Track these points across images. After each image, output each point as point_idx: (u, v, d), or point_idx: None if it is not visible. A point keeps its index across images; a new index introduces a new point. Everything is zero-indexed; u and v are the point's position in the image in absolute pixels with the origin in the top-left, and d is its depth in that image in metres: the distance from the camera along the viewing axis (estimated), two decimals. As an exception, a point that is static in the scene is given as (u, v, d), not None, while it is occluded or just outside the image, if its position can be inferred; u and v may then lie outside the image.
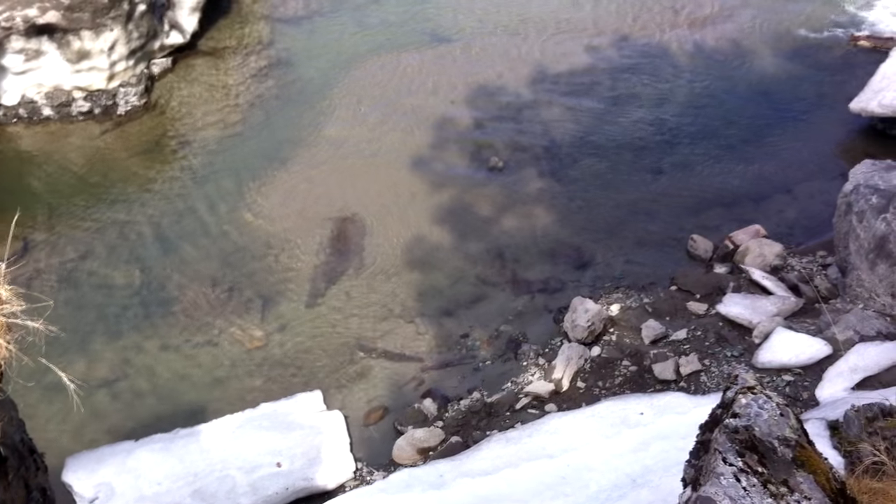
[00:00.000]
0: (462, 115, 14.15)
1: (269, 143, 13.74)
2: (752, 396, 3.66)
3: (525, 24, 16.07)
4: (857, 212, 9.33)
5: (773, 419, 3.57)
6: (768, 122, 13.70)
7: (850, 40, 15.20)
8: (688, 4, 16.39)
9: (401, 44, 15.75)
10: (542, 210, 12.51)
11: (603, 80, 14.77)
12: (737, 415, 3.65)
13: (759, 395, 3.64)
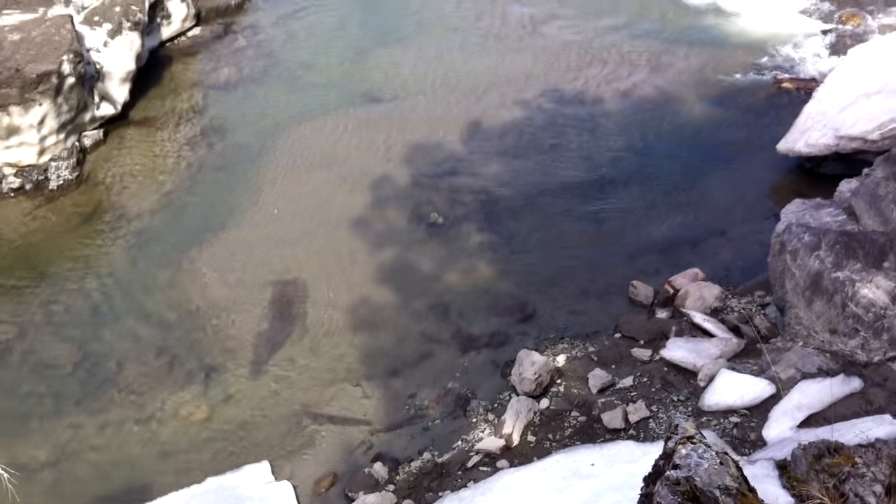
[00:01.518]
0: (400, 173, 14.17)
1: (204, 210, 13.62)
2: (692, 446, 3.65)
3: (457, 80, 16.22)
4: (790, 251, 9.48)
5: (713, 468, 3.56)
6: (700, 167, 13.95)
7: (774, 83, 15.60)
8: (615, 56, 16.70)
9: (335, 106, 15.78)
10: (484, 264, 12.53)
11: (536, 133, 14.92)
12: (677, 466, 3.64)
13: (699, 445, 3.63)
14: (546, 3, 18.52)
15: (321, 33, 17.88)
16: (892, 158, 8.57)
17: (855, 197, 9.26)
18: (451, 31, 17.74)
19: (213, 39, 17.68)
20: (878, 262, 8.40)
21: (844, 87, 13.41)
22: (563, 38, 17.34)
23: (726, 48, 16.68)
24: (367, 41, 17.49)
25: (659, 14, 17.97)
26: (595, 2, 18.48)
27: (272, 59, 17.09)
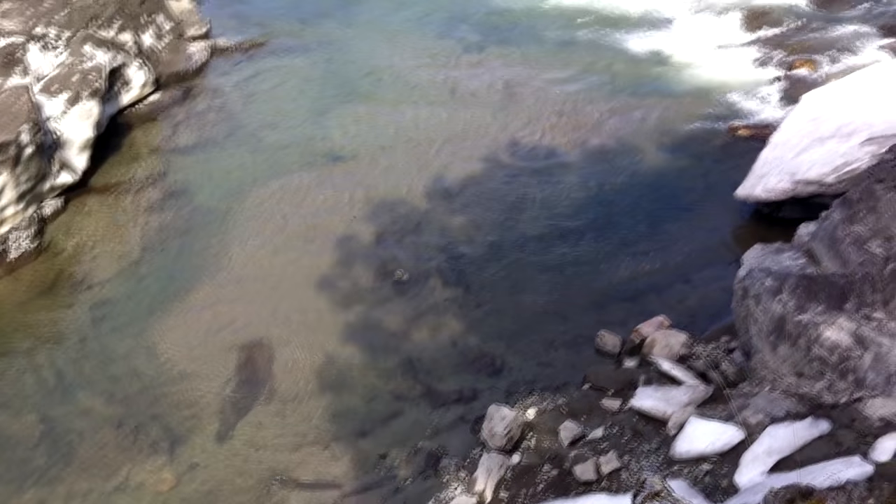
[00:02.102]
0: (364, 231, 14.17)
1: (168, 275, 13.52)
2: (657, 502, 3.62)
3: (417, 137, 16.33)
4: (753, 295, 9.55)
5: (682, 523, 3.53)
6: (661, 215, 14.08)
7: (730, 130, 15.84)
8: (573, 108, 16.90)
9: (298, 165, 15.82)
10: (451, 319, 12.50)
11: (498, 186, 15.02)
12: (647, 521, 3.61)
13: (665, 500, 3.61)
14: (503, 59, 18.77)
15: (282, 94, 17.97)
16: (848, 201, 8.70)
17: (814, 240, 9.37)
18: (410, 88, 17.90)
19: (173, 104, 17.71)
20: (839, 303, 8.48)
21: (799, 133, 13.64)
22: (522, 92, 17.54)
23: (681, 98, 16.95)
24: (328, 101, 17.59)
25: (614, 66, 18.24)
26: (550, 56, 18.74)
27: (233, 122, 17.13)
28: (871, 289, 8.08)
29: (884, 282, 7.98)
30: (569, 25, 19.99)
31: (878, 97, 13.36)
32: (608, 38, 19.31)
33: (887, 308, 7.97)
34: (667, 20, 19.89)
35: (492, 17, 20.85)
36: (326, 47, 19.49)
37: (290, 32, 20.16)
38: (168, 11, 19.31)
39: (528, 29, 20.03)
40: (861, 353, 8.17)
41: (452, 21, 20.58)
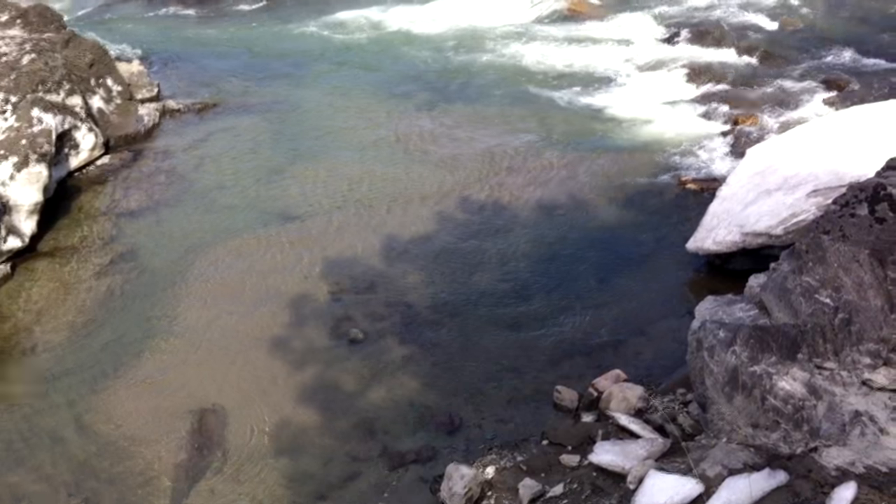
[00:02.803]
0: (317, 291, 14.08)
1: (118, 340, 13.29)
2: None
3: (370, 196, 16.37)
4: (707, 347, 9.60)
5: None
6: (614, 269, 14.19)
7: (679, 184, 16.08)
8: (523, 163, 17.09)
9: (249, 226, 15.74)
10: (408, 378, 12.41)
11: (452, 243, 15.05)
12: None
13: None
14: (454, 117, 18.96)
15: (233, 155, 17.95)
16: (796, 253, 8.81)
17: (765, 291, 9.46)
18: (363, 147, 17.98)
19: (123, 167, 17.60)
20: (791, 354, 8.55)
21: (746, 186, 13.88)
22: (473, 149, 17.71)
23: (630, 152, 17.22)
24: (280, 161, 17.61)
25: (563, 122, 18.52)
26: (501, 113, 18.99)
27: (184, 184, 17.04)
28: (822, 339, 8.16)
29: (834, 332, 8.07)
30: (518, 82, 20.31)
31: (821, 150, 13.66)
32: (557, 95, 19.62)
33: (839, 358, 8.05)
34: (614, 76, 20.28)
35: (443, 75, 21.13)
36: (278, 108, 19.56)
37: (241, 93, 20.24)
38: (117, 74, 19.26)
39: (479, 87, 20.31)
40: (815, 402, 8.23)
41: (403, 80, 20.82)
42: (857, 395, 7.87)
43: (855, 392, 7.91)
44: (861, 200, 8.20)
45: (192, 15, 25.88)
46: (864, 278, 7.92)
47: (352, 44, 23.24)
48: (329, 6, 25.78)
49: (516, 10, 24.75)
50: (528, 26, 23.68)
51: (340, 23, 24.55)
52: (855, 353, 7.95)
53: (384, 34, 23.74)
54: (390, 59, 22.14)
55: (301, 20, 24.78)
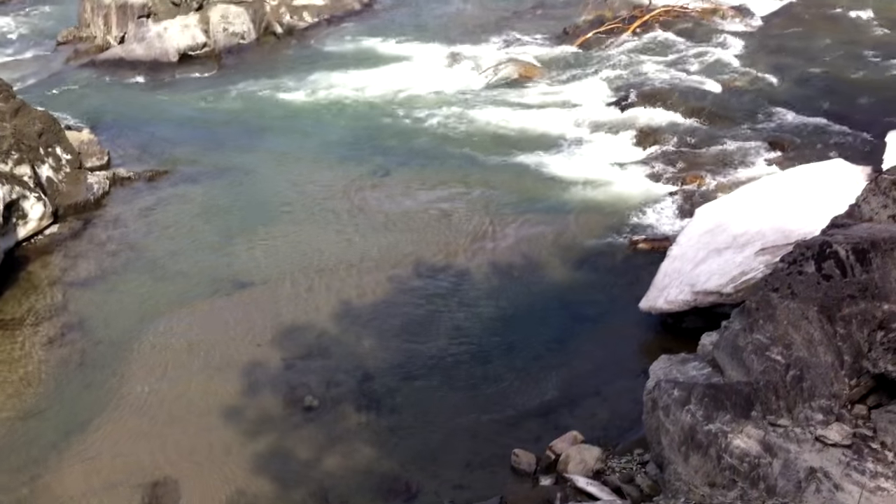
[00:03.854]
0: (271, 358, 13.92)
1: (67, 413, 12.98)
2: None
3: (324, 261, 16.31)
4: (662, 407, 9.61)
5: None
6: (569, 329, 14.23)
7: (630, 244, 16.24)
8: (477, 227, 17.17)
9: (201, 293, 15.57)
10: (364, 445, 12.25)
11: (407, 307, 15.01)
12: None
13: None
14: (407, 182, 19.06)
15: (185, 223, 17.83)
16: (746, 311, 8.90)
17: (717, 350, 9.53)
18: (315, 213, 17.97)
19: (72, 236, 17.39)
20: (745, 412, 8.59)
21: (696, 245, 14.06)
22: (427, 213, 17.77)
23: (582, 214, 17.39)
24: (233, 228, 17.51)
25: (515, 185, 18.68)
26: (454, 177, 19.12)
27: (135, 252, 16.86)
28: (774, 396, 8.22)
29: (786, 389, 8.14)
30: (470, 146, 20.51)
31: (768, 208, 13.92)
32: (509, 158, 19.83)
33: (792, 414, 8.10)
34: (565, 139, 20.57)
35: (395, 139, 21.27)
36: (230, 174, 19.54)
37: (192, 161, 20.18)
38: (67, 143, 19.13)
39: (430, 151, 20.47)
40: (770, 460, 8.25)
41: (355, 145, 20.93)
42: (812, 452, 7.91)
43: (809, 448, 7.95)
44: (808, 258, 8.32)
45: (143, 83, 25.87)
46: (814, 335, 8.02)
47: (302, 109, 23.35)
48: (279, 73, 25.93)
49: (467, 76, 25.08)
50: (479, 91, 23.99)
51: (291, 88, 24.68)
52: (807, 409, 8.01)
53: (335, 99, 23.89)
54: (341, 123, 22.26)
55: (251, 87, 24.87)
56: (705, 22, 28.30)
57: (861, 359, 7.55)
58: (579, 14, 29.49)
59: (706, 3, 29.96)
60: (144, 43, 27.46)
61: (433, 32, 29.00)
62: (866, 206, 8.91)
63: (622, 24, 27.83)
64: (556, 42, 27.46)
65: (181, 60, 27.25)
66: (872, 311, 7.74)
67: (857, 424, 7.69)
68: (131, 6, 28.11)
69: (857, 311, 7.81)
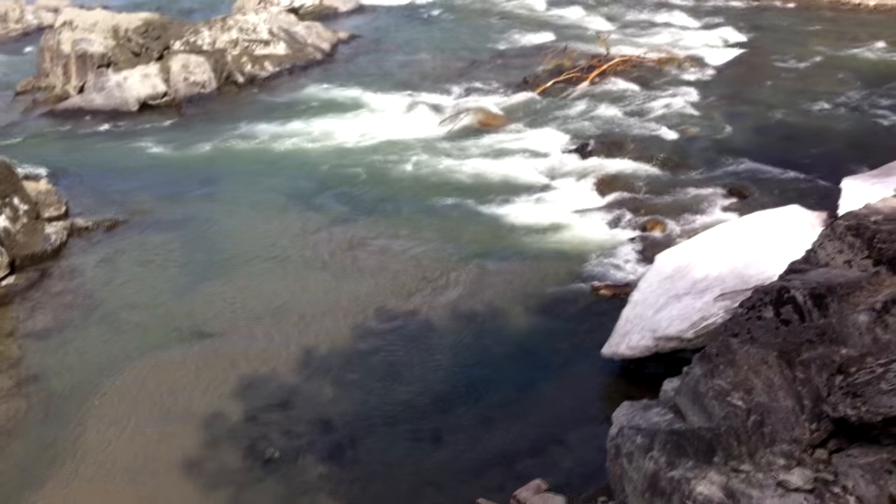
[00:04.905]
0: (231, 410, 13.73)
1: (20, 468, 12.68)
2: None
3: (285, 309, 16.19)
4: (625, 454, 9.58)
5: None
6: (533, 377, 14.20)
7: (592, 290, 16.31)
8: (440, 274, 17.17)
9: (161, 344, 15.37)
10: (326, 497, 12.08)
11: (370, 356, 14.92)
12: None
13: None
14: (369, 229, 19.05)
15: (144, 272, 17.65)
16: (707, 356, 8.93)
17: (679, 395, 9.53)
18: (277, 262, 17.87)
19: (30, 287, 17.13)
20: (708, 457, 8.58)
21: (657, 291, 14.14)
22: (390, 260, 17.75)
23: (544, 261, 17.46)
24: (193, 277, 17.36)
25: (477, 232, 18.74)
26: (416, 224, 19.15)
27: (93, 303, 16.64)
28: (736, 441, 8.23)
29: (748, 434, 8.15)
30: (432, 194, 20.57)
31: (727, 254, 14.05)
32: (470, 206, 19.91)
33: (753, 460, 8.10)
34: (526, 187, 20.71)
35: (357, 188, 21.29)
36: (190, 223, 19.41)
37: (152, 210, 20.05)
38: (24, 193, 18.93)
39: (392, 199, 20.51)
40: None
41: (317, 193, 20.93)
42: (774, 497, 7.90)
43: (771, 494, 7.94)
44: (766, 303, 8.40)
45: (102, 132, 25.72)
46: (774, 380, 8.06)
47: (263, 158, 23.33)
48: (240, 121, 25.93)
49: (428, 124, 25.25)
50: (440, 140, 24.14)
51: (252, 137, 24.67)
52: (769, 454, 8.02)
53: (295, 148, 23.91)
54: (302, 172, 22.25)
55: (211, 136, 24.82)
56: (662, 71, 28.81)
57: (821, 403, 7.59)
58: (539, 63, 29.89)
59: (662, 53, 30.55)
60: (104, 92, 27.38)
61: (394, 81, 29.22)
62: (822, 252, 9.03)
63: (581, 73, 28.24)
64: (517, 91, 27.76)
65: (141, 110, 27.19)
66: (831, 355, 7.80)
67: (818, 469, 7.71)
68: (91, 56, 28.06)
69: (815, 356, 7.87)
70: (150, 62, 28.66)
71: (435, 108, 26.41)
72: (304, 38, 32.26)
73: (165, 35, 30.09)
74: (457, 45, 33.54)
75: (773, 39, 33.02)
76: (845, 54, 30.64)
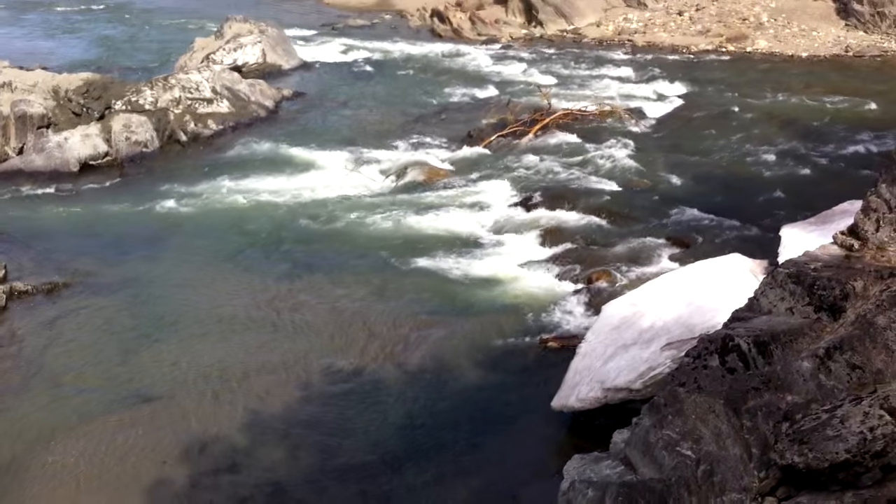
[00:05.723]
0: (177, 476, 13.40)
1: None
2: None
3: (231, 371, 15.94)
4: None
5: None
6: (483, 432, 14.10)
7: (540, 343, 16.33)
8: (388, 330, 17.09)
9: (103, 410, 14.98)
10: (275, 562, 11.83)
11: (319, 415, 14.72)
12: None
13: None
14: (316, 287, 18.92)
15: (86, 337, 17.27)
16: (655, 406, 8.96)
17: (629, 447, 9.53)
18: (222, 322, 17.63)
19: (-35, 354, 16.69)
20: (660, 509, 8.56)
21: (604, 341, 14.19)
22: (337, 317, 17.61)
23: (491, 314, 17.45)
24: (137, 340, 17.03)
25: (425, 287, 18.70)
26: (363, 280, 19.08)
27: (32, 368, 16.21)
28: (687, 492, 8.22)
29: (698, 484, 8.15)
30: (377, 249, 20.53)
31: (672, 303, 14.18)
32: (417, 260, 19.89)
33: (705, 510, 8.10)
34: (472, 241, 20.78)
35: (302, 244, 21.18)
36: (132, 285, 19.11)
37: (93, 272, 19.70)
38: (-39, 258, 18.53)
39: (336, 256, 20.42)
40: (687, 557, 8.19)
41: (260, 252, 20.78)
42: (727, 547, 7.89)
43: (724, 544, 7.93)
44: (712, 352, 8.47)
45: (42, 194, 25.30)
46: (722, 428, 8.10)
47: (205, 217, 23.11)
48: (182, 180, 25.70)
49: (373, 180, 25.31)
50: (385, 195, 24.18)
51: (194, 196, 24.45)
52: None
53: (238, 206, 23.75)
54: (246, 230, 22.07)
55: (153, 196, 24.55)
56: (603, 124, 29.27)
57: (769, 451, 7.62)
58: (482, 117, 30.22)
59: (603, 106, 31.06)
60: (44, 153, 27.02)
61: (339, 137, 29.29)
62: (765, 299, 9.16)
63: (524, 126, 28.58)
64: (461, 145, 27.99)
65: (82, 170, 26.86)
66: (776, 402, 7.87)
67: (768, 517, 7.72)
68: (31, 116, 27.73)
69: (761, 404, 7.94)
70: (92, 122, 28.41)
71: (380, 163, 26.50)
72: (248, 96, 32.26)
73: (106, 95, 29.87)
74: (401, 101, 33.79)
75: (710, 90, 33.81)
76: (780, 104, 31.46)
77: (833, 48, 39.54)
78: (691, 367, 8.59)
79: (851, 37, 40.43)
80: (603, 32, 44.54)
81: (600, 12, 46.68)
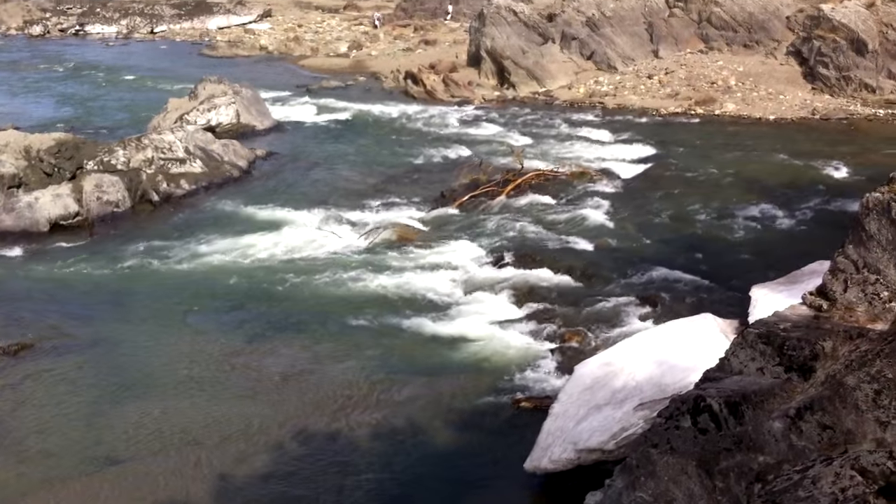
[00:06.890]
0: (142, 541, 13.15)
1: None
2: None
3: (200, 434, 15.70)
4: (551, 572, 9.40)
5: None
6: (456, 494, 13.94)
7: (513, 403, 16.24)
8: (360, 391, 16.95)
9: (69, 473, 14.69)
10: None
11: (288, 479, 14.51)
12: None
13: None
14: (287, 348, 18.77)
15: (51, 397, 17.00)
16: (628, 467, 8.91)
17: (602, 509, 9.45)
18: (191, 383, 17.42)
19: (-73, 416, 16.33)
20: (634, 572, 8.47)
21: (577, 402, 14.15)
22: (309, 379, 17.46)
23: (464, 374, 17.37)
24: (103, 402, 16.77)
25: (397, 348, 18.62)
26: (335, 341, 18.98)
27: None
28: (661, 554, 8.15)
29: (672, 546, 8.09)
30: (350, 309, 20.44)
31: (644, 363, 14.19)
32: (389, 321, 19.82)
33: (679, 573, 8.02)
34: (444, 300, 20.75)
35: (274, 304, 21.06)
36: (100, 346, 18.87)
37: (60, 333, 19.45)
38: (-74, 318, 18.25)
39: (310, 316, 20.30)
40: None
41: (231, 313, 20.63)
42: None
43: None
44: (684, 412, 8.46)
45: (10, 255, 25.02)
46: (694, 490, 8.06)
47: (176, 277, 22.95)
48: (153, 241, 25.53)
49: (346, 240, 25.27)
50: (357, 255, 24.14)
51: (165, 256, 24.30)
52: (693, 567, 7.94)
53: (210, 267, 23.61)
54: (216, 291, 21.92)
55: (124, 256, 24.38)
56: (575, 184, 29.52)
57: (741, 512, 7.59)
58: (455, 178, 30.39)
59: (574, 167, 31.37)
60: (14, 213, 26.84)
61: (312, 197, 29.32)
62: (735, 360, 9.19)
63: (496, 187, 28.77)
64: (434, 205, 28.10)
65: (52, 230, 26.67)
66: (748, 463, 7.85)
67: (742, 580, 7.66)
68: (1, 176, 27.57)
69: (734, 464, 7.92)
70: (63, 182, 28.28)
71: (353, 223, 26.53)
72: (221, 156, 32.30)
73: (78, 155, 29.77)
74: (374, 161, 33.96)
75: (679, 152, 34.26)
76: (748, 166, 31.89)
77: (800, 111, 40.24)
78: (664, 428, 8.57)
79: (818, 100, 41.19)
80: (574, 95, 45.09)
81: (571, 75, 47.34)
